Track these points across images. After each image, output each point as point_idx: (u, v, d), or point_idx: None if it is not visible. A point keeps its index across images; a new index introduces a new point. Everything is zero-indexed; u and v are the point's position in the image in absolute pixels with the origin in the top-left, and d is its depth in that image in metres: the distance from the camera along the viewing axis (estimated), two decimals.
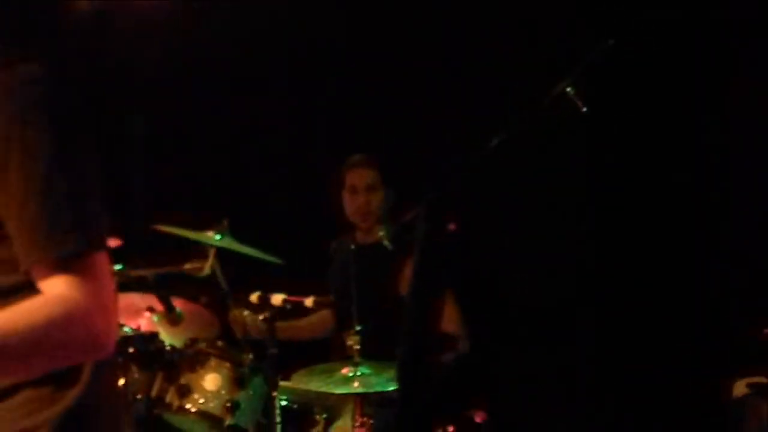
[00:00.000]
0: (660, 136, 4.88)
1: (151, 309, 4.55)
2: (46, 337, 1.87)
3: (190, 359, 4.28)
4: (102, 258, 1.95)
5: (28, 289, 1.93)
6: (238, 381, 4.28)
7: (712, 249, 4.84)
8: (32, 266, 1.91)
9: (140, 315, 4.57)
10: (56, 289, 1.90)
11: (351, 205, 4.78)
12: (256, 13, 5.48)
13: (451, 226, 3.65)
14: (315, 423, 4.38)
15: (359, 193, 4.76)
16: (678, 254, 4.87)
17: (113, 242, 4.26)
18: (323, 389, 4.14)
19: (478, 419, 4.40)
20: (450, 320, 4.54)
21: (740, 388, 4.05)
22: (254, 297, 4.20)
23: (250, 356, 4.29)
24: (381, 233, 4.29)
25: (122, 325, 4.35)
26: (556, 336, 5.01)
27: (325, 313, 4.92)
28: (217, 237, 4.32)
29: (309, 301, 4.24)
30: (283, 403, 4.25)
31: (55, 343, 1.89)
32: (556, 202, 5.03)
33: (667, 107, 4.89)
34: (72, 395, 1.99)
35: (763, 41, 4.74)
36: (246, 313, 4.42)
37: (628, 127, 4.87)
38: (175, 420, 4.34)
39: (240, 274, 4.41)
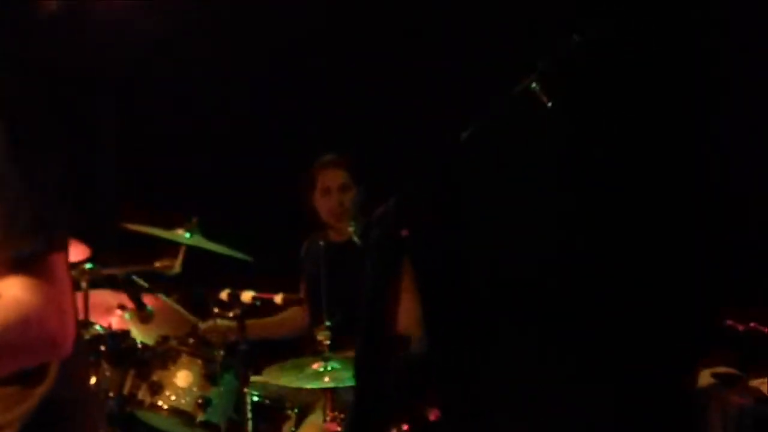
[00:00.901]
0: (628, 129, 4.92)
1: (122, 306, 4.56)
2: (2, 340, 1.88)
3: (162, 356, 4.31)
4: (61, 258, 1.95)
5: None
6: (209, 377, 4.30)
7: (678, 240, 4.88)
8: None
9: (111, 313, 4.58)
10: (12, 292, 1.90)
11: (324, 205, 4.81)
12: (224, 10, 5.50)
13: (404, 232, 3.72)
14: (287, 418, 4.42)
15: (332, 193, 4.79)
16: (643, 246, 4.91)
17: (84, 251, 4.29)
18: (294, 384, 4.18)
19: (431, 417, 4.42)
20: (409, 317, 4.57)
21: (705, 378, 4.09)
22: (224, 294, 4.23)
23: (221, 353, 4.32)
24: (351, 230, 4.32)
25: (93, 324, 4.36)
26: (515, 329, 5.04)
27: (297, 310, 4.94)
28: (187, 235, 4.35)
29: (278, 298, 4.27)
30: (255, 398, 4.28)
31: (11, 347, 1.89)
32: (524, 197, 5.06)
33: (635, 100, 4.93)
34: (40, 392, 1.99)
35: (726, 24, 4.78)
36: (218, 321, 4.44)
37: (594, 122, 4.91)
38: (148, 417, 4.36)
39: (210, 272, 4.43)
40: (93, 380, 4.14)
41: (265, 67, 5.49)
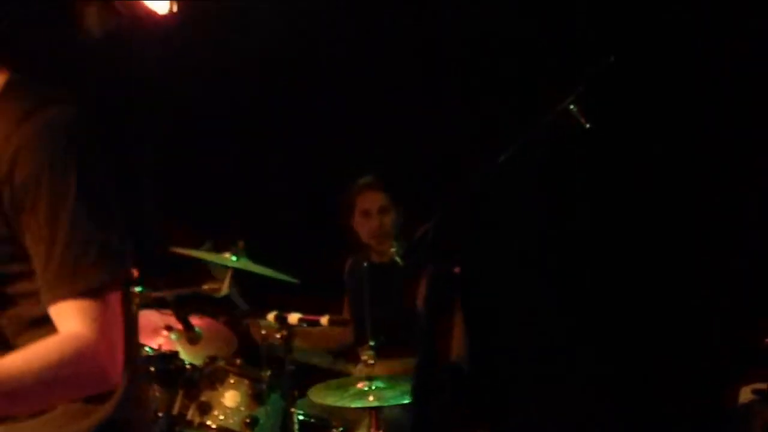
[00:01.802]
0: (664, 150, 4.97)
1: (169, 328, 4.66)
2: (57, 376, 1.98)
3: (210, 377, 4.39)
4: (117, 296, 2.05)
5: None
6: (256, 397, 4.38)
7: (717, 257, 4.91)
8: (51, 302, 2.02)
9: (159, 334, 4.68)
10: (70, 324, 2.00)
11: (365, 228, 4.89)
12: (264, 31, 5.59)
13: (456, 269, 3.82)
14: None
15: (372, 216, 4.87)
16: (683, 262, 4.95)
17: (133, 272, 4.39)
18: (339, 403, 4.25)
19: None
20: (457, 340, 4.67)
21: (746, 395, 4.13)
22: (271, 317, 4.30)
23: (268, 373, 4.39)
24: (393, 250, 4.40)
25: (143, 345, 4.45)
26: (558, 351, 5.09)
27: (342, 329, 5.02)
28: (234, 258, 4.44)
29: (324, 320, 4.34)
30: (301, 417, 4.36)
31: (66, 381, 1.99)
32: (563, 219, 5.12)
33: (671, 121, 4.97)
34: (106, 409, 2.09)
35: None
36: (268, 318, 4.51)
37: (632, 142, 4.95)
38: None
39: (256, 295, 4.52)
40: None
41: (307, 91, 5.58)
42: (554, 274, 5.12)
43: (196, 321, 4.50)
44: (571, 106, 3.82)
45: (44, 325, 2.04)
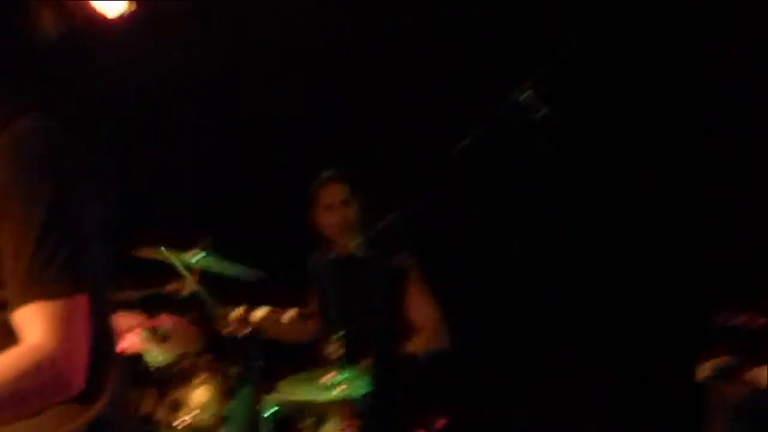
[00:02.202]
0: (621, 141, 5.04)
1: (137, 328, 4.69)
2: (17, 389, 2.01)
3: (180, 374, 4.43)
4: (83, 301, 2.07)
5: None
6: (226, 393, 4.42)
7: (679, 238, 5.00)
8: (16, 308, 2.05)
9: (126, 335, 4.70)
10: (30, 333, 2.03)
11: (328, 221, 4.93)
12: (226, 32, 5.62)
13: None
14: (304, 428, 4.54)
15: (335, 209, 4.91)
16: (642, 243, 5.03)
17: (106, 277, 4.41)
18: (309, 396, 4.31)
19: (438, 425, 4.56)
20: (428, 318, 4.73)
21: (704, 371, 4.22)
22: (239, 311, 4.35)
23: (237, 368, 4.44)
24: (356, 243, 4.46)
25: None
26: (528, 333, 5.18)
27: (309, 322, 5.08)
28: (200, 255, 4.47)
29: (291, 314, 4.40)
30: (271, 411, 4.41)
31: (23, 393, 2.02)
32: (524, 203, 5.19)
33: (629, 112, 5.04)
34: (96, 408, 2.14)
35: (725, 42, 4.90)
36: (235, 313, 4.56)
37: (587, 130, 5.03)
38: None
39: (224, 291, 4.56)
40: None
41: (268, 87, 5.61)
42: (517, 258, 5.20)
43: (163, 320, 4.54)
44: (527, 93, 3.90)
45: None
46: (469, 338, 5.06)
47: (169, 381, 4.42)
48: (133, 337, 4.69)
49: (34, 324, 2.04)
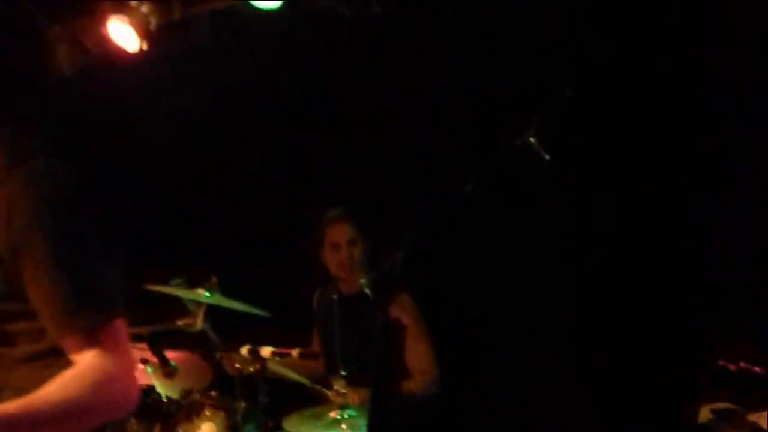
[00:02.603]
0: (623, 180, 5.10)
1: (144, 361, 4.75)
2: (77, 406, 2.13)
3: (186, 409, 4.48)
4: (120, 324, 2.21)
5: (53, 355, 2.20)
6: (232, 429, 4.47)
7: (679, 279, 5.04)
8: (59, 338, 2.18)
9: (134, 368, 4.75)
10: (85, 359, 2.16)
11: (334, 260, 4.99)
12: (233, 67, 5.71)
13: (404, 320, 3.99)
14: None
15: (341, 248, 4.97)
16: (643, 284, 5.08)
17: None
18: None
19: None
20: (422, 359, 4.80)
21: (704, 414, 4.26)
22: (244, 350, 4.42)
23: (243, 404, 4.49)
24: (362, 282, 4.51)
25: None
26: (524, 370, 5.22)
27: (312, 361, 5.13)
28: (207, 294, 4.54)
29: (295, 353, 4.46)
30: None
31: (87, 410, 2.15)
32: (528, 245, 5.25)
33: (630, 151, 5.09)
34: None
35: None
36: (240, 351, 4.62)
37: (591, 173, 5.09)
38: None
39: (230, 329, 4.62)
40: None
41: (276, 125, 5.71)
42: (522, 297, 5.25)
43: (171, 355, 4.59)
44: (531, 138, 3.97)
45: (39, 360, 2.20)
46: (465, 380, 5.12)
47: (175, 416, 4.47)
48: (140, 370, 4.75)
49: (85, 350, 2.16)
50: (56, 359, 2.21)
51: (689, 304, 4.90)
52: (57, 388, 2.14)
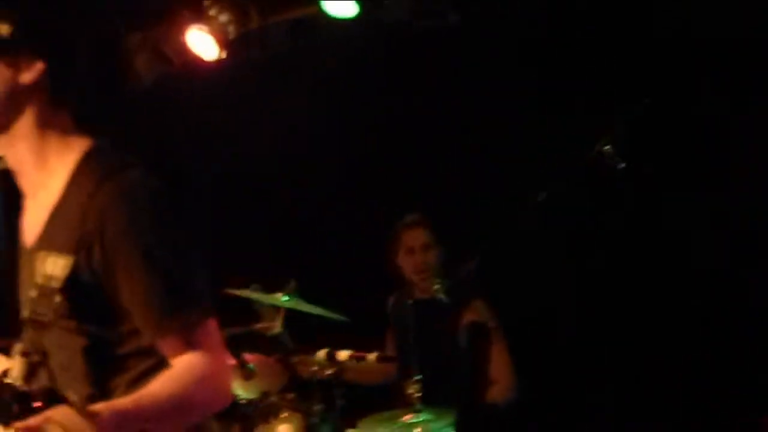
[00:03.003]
0: (697, 191, 5.09)
1: None
2: (180, 402, 2.24)
3: (264, 411, 4.56)
4: (213, 324, 2.31)
5: (160, 368, 2.30)
6: (308, 430, 4.55)
7: (744, 296, 5.03)
8: (156, 339, 2.27)
9: None
10: (183, 358, 2.26)
11: (409, 264, 5.06)
12: (311, 81, 5.81)
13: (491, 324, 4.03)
14: None
15: (416, 252, 5.03)
16: (716, 294, 5.07)
17: None
18: None
19: None
20: (501, 364, 4.85)
21: None
22: (322, 354, 4.50)
23: (319, 407, 4.56)
24: (436, 287, 4.57)
25: None
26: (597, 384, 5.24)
27: (387, 365, 5.19)
28: (285, 298, 4.63)
29: (372, 357, 4.54)
30: None
31: (188, 405, 2.26)
32: (602, 254, 5.26)
33: (704, 162, 5.09)
34: None
35: None
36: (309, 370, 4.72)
37: (665, 183, 5.09)
38: None
39: (307, 332, 4.71)
40: None
41: (353, 131, 5.78)
42: (590, 312, 5.27)
43: (249, 358, 4.69)
44: (606, 147, 4.00)
45: (149, 376, 2.29)
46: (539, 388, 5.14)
47: (252, 417, 4.56)
48: None
49: (182, 350, 2.26)
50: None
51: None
52: (161, 385, 2.24)
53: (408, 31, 5.37)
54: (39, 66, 2.33)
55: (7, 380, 2.28)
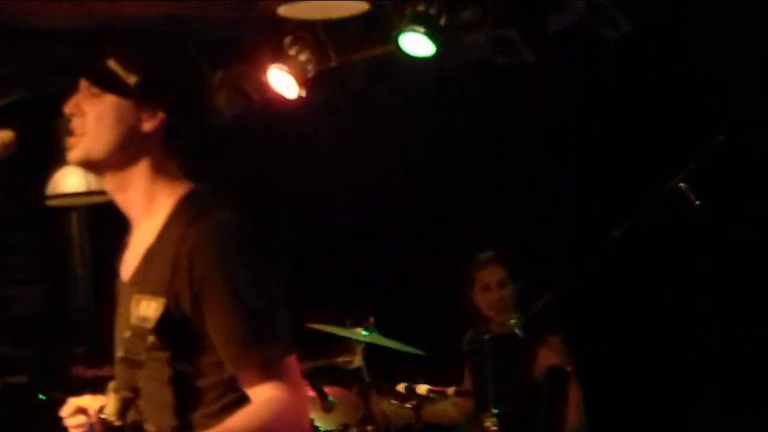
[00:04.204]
0: None
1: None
2: None
3: None
4: (293, 360, 2.37)
5: (240, 404, 2.36)
6: None
7: None
8: (238, 372, 2.34)
9: None
10: (262, 392, 2.32)
11: (485, 301, 5.12)
12: (384, 115, 5.91)
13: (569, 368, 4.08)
14: None
15: (492, 289, 5.10)
16: None
17: None
18: None
19: None
20: (574, 404, 4.89)
21: None
22: (401, 387, 4.58)
23: None
24: (512, 322, 4.63)
25: None
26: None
27: (463, 400, 5.25)
28: (365, 332, 4.72)
29: (450, 391, 4.61)
30: None
31: None
32: (678, 290, 5.27)
33: None
34: None
35: None
36: (388, 403, 4.80)
37: (741, 221, 5.09)
38: None
39: (386, 367, 4.80)
40: None
41: (427, 172, 5.88)
42: (668, 347, 5.28)
43: (329, 390, 4.78)
44: (682, 184, 4.03)
45: (228, 411, 2.35)
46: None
47: None
48: None
49: (264, 386, 2.32)
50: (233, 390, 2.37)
51: None
52: (241, 419, 2.31)
53: (485, 69, 5.45)
54: (160, 116, 2.44)
55: (103, 416, 2.39)
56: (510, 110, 5.70)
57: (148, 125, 2.44)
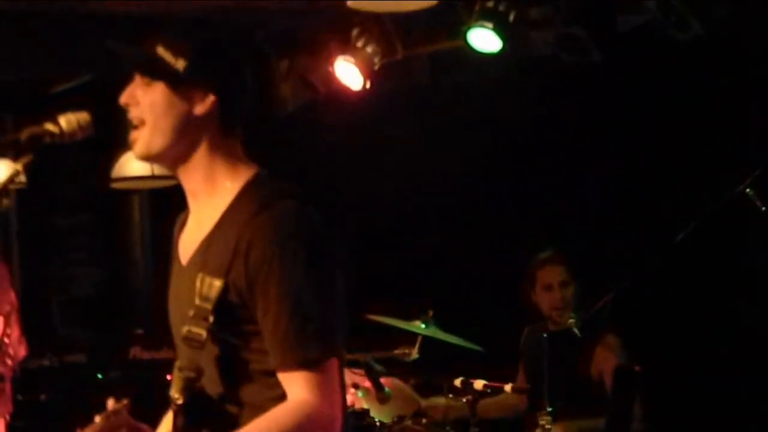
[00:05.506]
0: None
1: (356, 386, 4.96)
2: None
3: None
4: (335, 363, 2.36)
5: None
6: None
7: None
8: (277, 367, 2.35)
9: (348, 392, 4.98)
10: (297, 390, 2.33)
11: (546, 300, 5.09)
12: (448, 111, 5.93)
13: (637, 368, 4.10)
14: None
15: (554, 289, 5.08)
16: None
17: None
18: None
19: None
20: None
21: None
22: (458, 381, 4.59)
23: None
24: (571, 321, 4.62)
25: None
26: None
27: (518, 397, 5.25)
28: (423, 326, 4.74)
29: (507, 387, 4.62)
30: None
31: None
32: (737, 297, 5.24)
33: None
34: None
35: None
36: (444, 396, 4.82)
37: None
38: None
39: (443, 361, 4.81)
40: None
41: (490, 167, 5.88)
42: (728, 353, 5.24)
43: (386, 382, 4.80)
44: (748, 190, 4.01)
45: (271, 377, 2.36)
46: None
47: None
48: (351, 393, 4.97)
49: (299, 385, 2.32)
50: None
51: None
52: (272, 420, 2.33)
53: (551, 67, 5.44)
54: (211, 98, 2.44)
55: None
56: (575, 108, 5.69)
57: (199, 108, 2.44)
